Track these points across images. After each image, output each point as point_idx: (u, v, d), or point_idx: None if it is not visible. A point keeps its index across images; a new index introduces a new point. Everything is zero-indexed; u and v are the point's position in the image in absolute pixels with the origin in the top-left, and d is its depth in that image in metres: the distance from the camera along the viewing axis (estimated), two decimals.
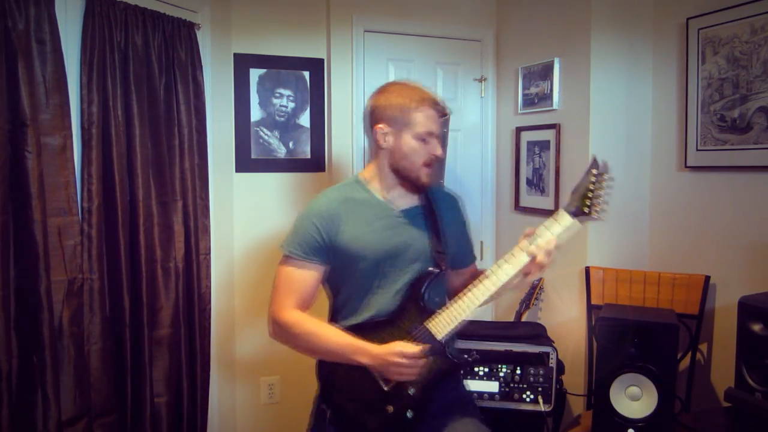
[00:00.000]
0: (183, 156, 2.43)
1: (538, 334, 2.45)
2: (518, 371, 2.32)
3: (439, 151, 1.66)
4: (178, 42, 2.39)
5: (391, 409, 1.58)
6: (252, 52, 2.85)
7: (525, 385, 2.31)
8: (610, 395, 2.03)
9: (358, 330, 1.61)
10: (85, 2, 2.03)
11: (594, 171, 1.56)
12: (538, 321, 2.71)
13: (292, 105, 2.94)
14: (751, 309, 1.83)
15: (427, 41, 3.06)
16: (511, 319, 2.64)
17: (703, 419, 2.08)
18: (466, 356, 1.63)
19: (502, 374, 2.32)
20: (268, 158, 2.92)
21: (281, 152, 2.95)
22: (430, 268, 1.65)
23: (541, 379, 2.31)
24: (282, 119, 2.93)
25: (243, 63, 2.84)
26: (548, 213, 2.73)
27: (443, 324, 1.57)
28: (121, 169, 2.14)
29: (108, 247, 2.11)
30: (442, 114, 1.66)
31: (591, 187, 1.55)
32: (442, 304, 1.62)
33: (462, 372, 1.89)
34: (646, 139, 2.63)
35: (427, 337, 1.57)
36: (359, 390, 1.60)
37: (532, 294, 2.63)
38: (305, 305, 1.66)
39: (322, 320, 1.71)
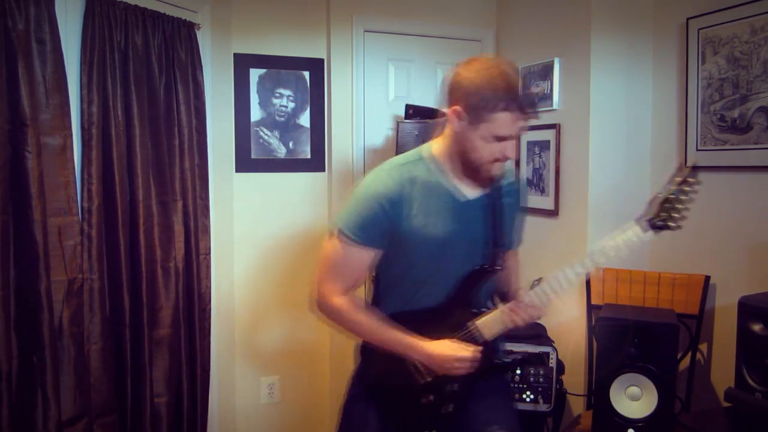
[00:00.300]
0: (183, 156, 2.43)
1: (538, 334, 2.45)
2: (518, 371, 2.32)
3: (511, 153, 1.49)
4: (178, 42, 2.39)
5: (431, 398, 1.57)
6: (252, 52, 2.85)
7: (525, 385, 2.31)
8: (610, 395, 2.03)
9: (402, 319, 1.55)
10: (85, 2, 2.04)
11: (690, 180, 1.46)
12: (538, 321, 2.71)
13: (292, 105, 2.94)
14: (751, 309, 1.83)
15: (427, 41, 3.06)
16: None
17: (703, 419, 2.08)
18: (510, 359, 1.62)
19: None
20: (268, 158, 2.92)
21: (281, 152, 2.94)
22: (487, 266, 1.57)
23: (541, 379, 2.30)
24: (282, 119, 2.93)
25: (243, 63, 2.84)
26: (548, 213, 2.76)
27: (492, 325, 1.54)
28: (121, 169, 2.14)
29: (108, 247, 2.11)
30: (526, 117, 1.49)
31: (683, 197, 1.45)
32: (490, 302, 1.59)
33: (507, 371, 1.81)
34: (646, 139, 2.62)
35: (475, 338, 1.54)
36: (401, 377, 1.57)
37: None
38: (354, 288, 1.59)
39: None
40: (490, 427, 1.58)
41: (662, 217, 1.47)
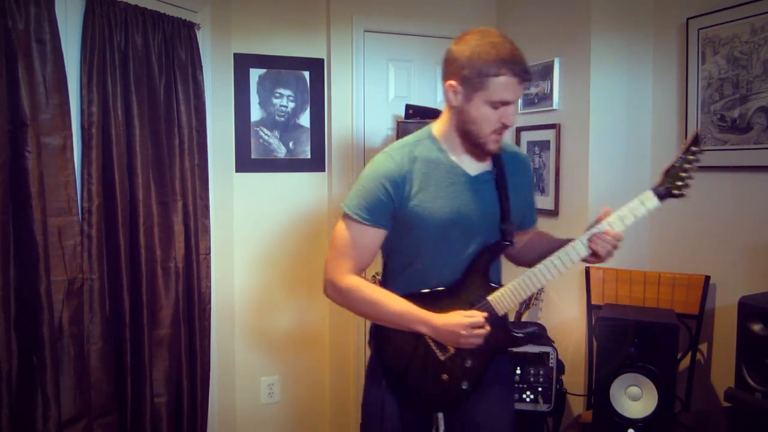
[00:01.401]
0: (183, 156, 2.43)
1: (538, 334, 2.45)
2: (518, 371, 2.32)
3: (511, 121, 1.51)
4: (178, 42, 2.39)
5: (446, 377, 1.57)
6: (252, 52, 2.85)
7: (525, 385, 2.31)
8: (610, 395, 2.03)
9: (416, 299, 1.56)
10: (85, 2, 2.04)
11: (694, 149, 1.48)
12: (538, 321, 2.71)
13: (292, 105, 2.94)
14: (751, 309, 1.83)
15: (427, 41, 3.06)
16: (511, 319, 2.64)
17: (703, 419, 2.08)
18: (523, 333, 1.61)
19: None
20: (268, 158, 2.92)
21: (281, 152, 2.94)
22: (497, 241, 1.58)
23: (541, 379, 2.31)
24: (282, 119, 2.93)
25: (243, 63, 2.84)
26: (548, 213, 2.76)
27: (505, 298, 1.55)
28: (121, 169, 2.14)
29: (108, 247, 2.11)
30: (525, 80, 1.50)
31: (687, 166, 1.48)
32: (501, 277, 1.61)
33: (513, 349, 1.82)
34: (646, 139, 2.62)
35: (487, 310, 1.55)
36: (415, 357, 1.58)
37: (532, 294, 2.63)
38: (363, 268, 1.61)
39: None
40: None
41: (667, 185, 1.49)
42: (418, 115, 2.73)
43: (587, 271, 2.53)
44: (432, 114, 2.68)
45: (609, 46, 2.54)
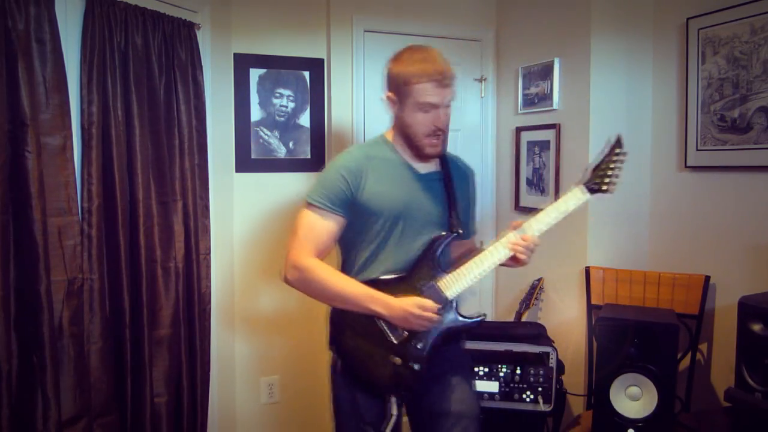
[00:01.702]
0: (183, 156, 2.42)
1: (538, 334, 2.45)
2: (518, 371, 2.32)
3: (439, 122, 1.68)
4: (178, 42, 2.39)
5: (398, 360, 1.66)
6: (252, 52, 2.85)
7: (525, 385, 2.31)
8: (610, 395, 2.04)
9: (371, 285, 1.67)
10: (85, 2, 2.03)
11: (618, 150, 1.68)
12: (538, 321, 2.71)
13: (292, 105, 2.94)
14: (751, 309, 1.83)
15: (427, 41, 3.03)
16: (511, 319, 2.64)
17: (703, 419, 2.08)
18: (471, 319, 1.71)
19: (502, 374, 2.33)
20: (268, 158, 2.92)
21: (281, 152, 2.94)
22: (446, 232, 1.73)
23: (541, 379, 2.31)
24: (282, 119, 2.93)
25: (243, 63, 2.84)
26: None
27: (452, 284, 1.67)
28: (121, 169, 2.14)
29: (108, 247, 2.11)
30: (443, 86, 1.67)
31: (612, 165, 1.67)
32: (451, 267, 1.70)
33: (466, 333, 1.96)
34: (646, 139, 2.63)
35: (437, 294, 1.66)
36: (368, 340, 1.67)
37: (532, 294, 2.64)
38: (322, 255, 1.72)
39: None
40: (449, 419, 1.72)
41: (596, 181, 1.68)
42: None
43: (587, 271, 2.53)
44: None
45: (609, 46, 2.55)
